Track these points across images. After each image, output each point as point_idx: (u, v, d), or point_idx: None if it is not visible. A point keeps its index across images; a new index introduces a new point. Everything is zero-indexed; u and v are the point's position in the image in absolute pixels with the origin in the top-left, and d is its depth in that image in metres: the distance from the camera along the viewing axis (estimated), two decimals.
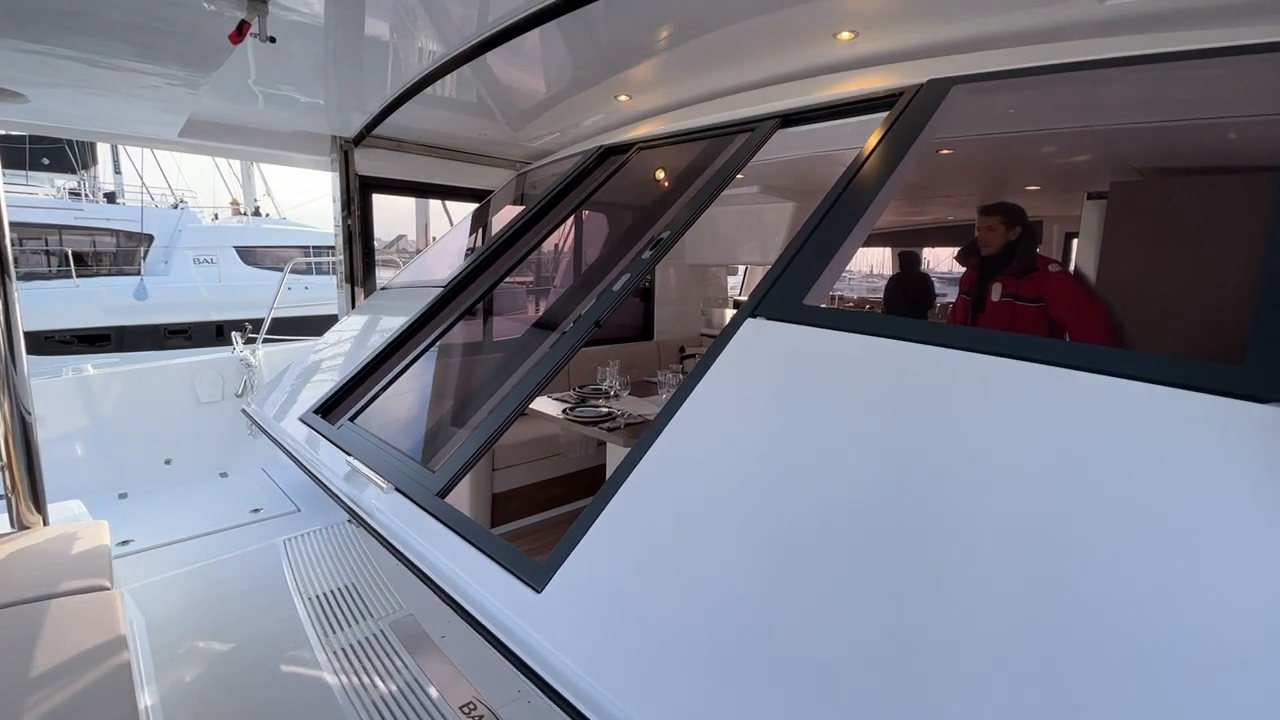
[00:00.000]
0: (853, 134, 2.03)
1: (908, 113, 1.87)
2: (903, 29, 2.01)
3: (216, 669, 2.56)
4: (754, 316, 1.56)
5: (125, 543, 3.64)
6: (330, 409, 2.50)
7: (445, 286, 2.97)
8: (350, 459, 2.02)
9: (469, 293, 2.99)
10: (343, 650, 2.70)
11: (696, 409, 1.43)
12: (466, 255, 3.32)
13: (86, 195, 14.54)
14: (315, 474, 2.14)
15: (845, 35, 2.07)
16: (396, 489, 1.80)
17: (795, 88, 2.46)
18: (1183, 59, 1.57)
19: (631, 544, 1.24)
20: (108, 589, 2.37)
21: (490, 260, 3.08)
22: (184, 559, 3.45)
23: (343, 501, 1.93)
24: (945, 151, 3.17)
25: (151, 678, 2.48)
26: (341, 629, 2.85)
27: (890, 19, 1.96)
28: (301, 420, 2.50)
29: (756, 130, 2.38)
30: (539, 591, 1.23)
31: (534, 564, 1.31)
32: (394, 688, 2.49)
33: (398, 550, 1.58)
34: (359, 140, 3.61)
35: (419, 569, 1.47)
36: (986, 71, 1.88)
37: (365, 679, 2.53)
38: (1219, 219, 2.37)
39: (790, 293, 1.57)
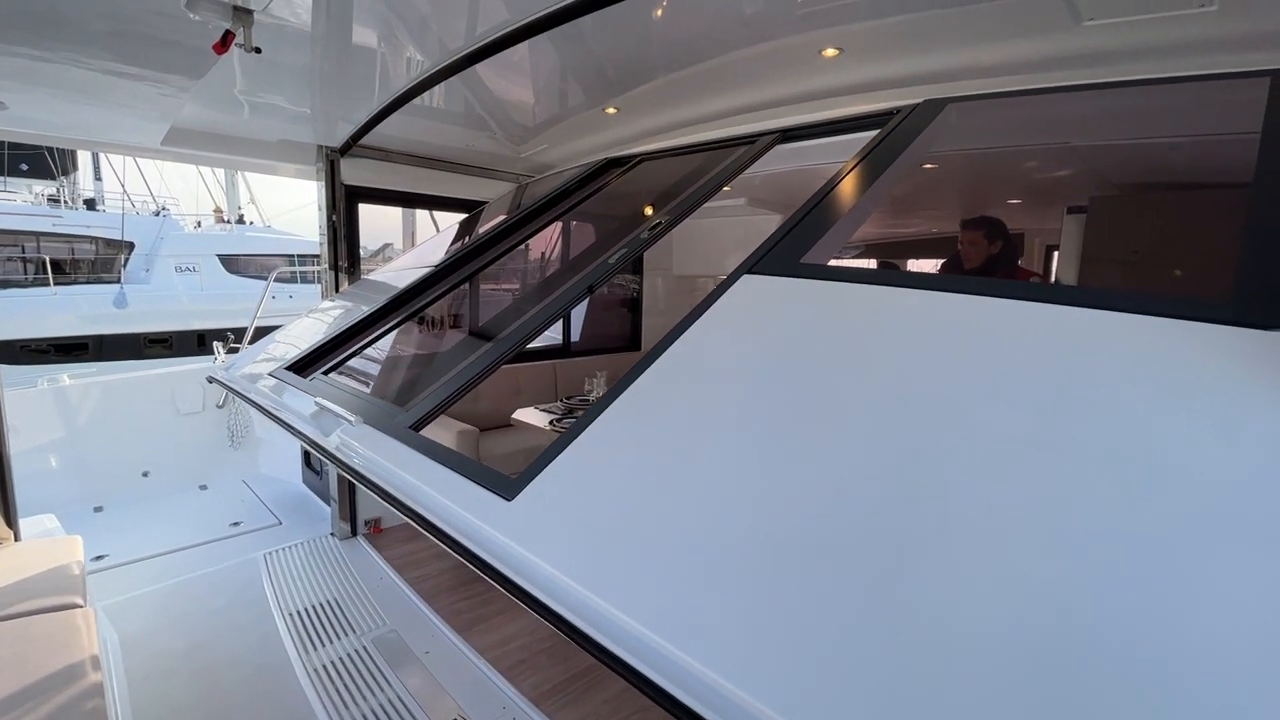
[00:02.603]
0: (845, 152, 2.08)
1: (903, 126, 1.93)
2: (887, 44, 2.06)
3: (193, 688, 2.50)
4: (750, 273, 1.58)
5: (100, 558, 3.56)
6: (303, 369, 2.45)
7: (431, 268, 2.99)
8: (318, 399, 1.97)
9: (452, 278, 3.01)
10: (324, 667, 2.65)
11: (685, 348, 1.43)
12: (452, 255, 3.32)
13: (66, 202, 14.32)
14: (279, 418, 2.07)
15: (830, 51, 2.11)
16: (366, 424, 1.75)
17: (797, 109, 2.54)
18: (1157, 84, 1.65)
19: (608, 463, 1.23)
20: (80, 606, 2.31)
21: (478, 253, 3.10)
22: (160, 574, 3.38)
23: (308, 438, 1.86)
24: (931, 166, 3.23)
25: (125, 698, 2.42)
26: (323, 645, 2.80)
27: (871, 34, 2.01)
28: (271, 375, 2.45)
29: (756, 143, 2.44)
30: (509, 500, 1.20)
31: (505, 478, 1.28)
32: (376, 705, 2.44)
33: (364, 476, 1.53)
34: (345, 150, 3.59)
35: (386, 491, 1.43)
36: (979, 93, 1.95)
37: (346, 697, 2.48)
38: (1192, 231, 2.43)
39: (788, 252, 1.59)
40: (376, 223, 4.08)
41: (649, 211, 2.63)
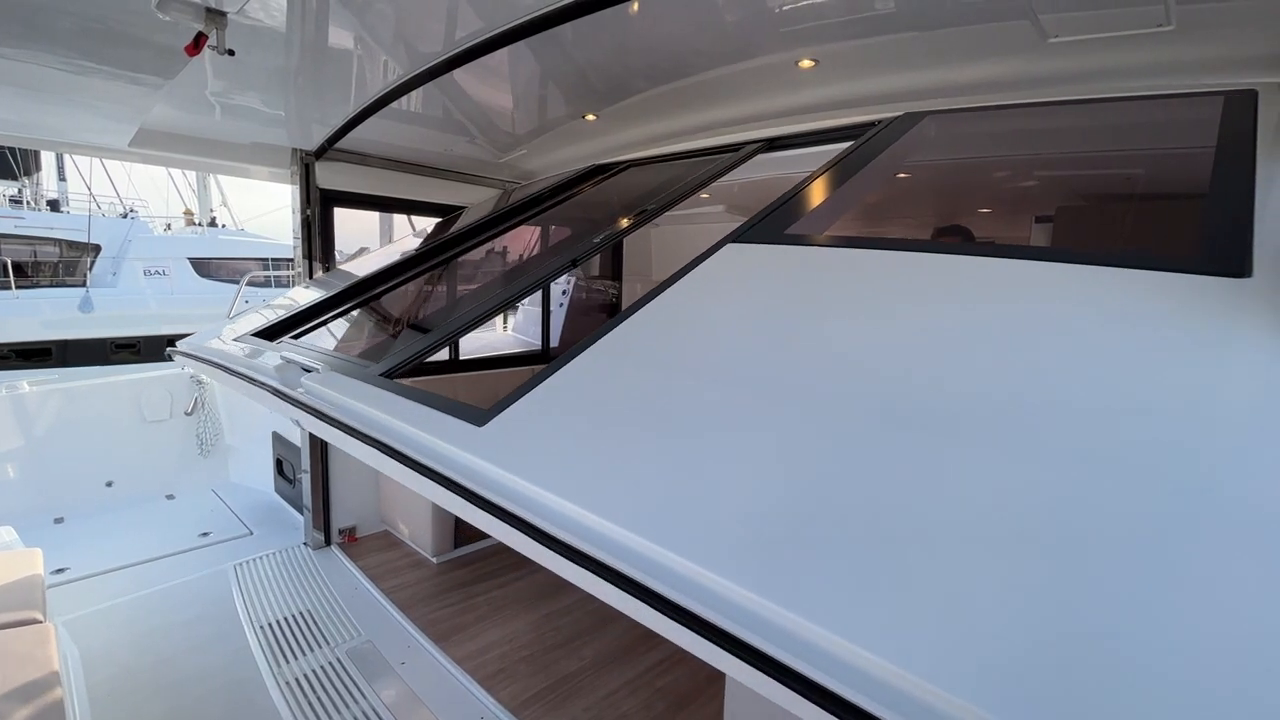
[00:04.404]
0: (825, 162, 2.15)
1: (885, 133, 2.01)
2: (864, 62, 2.13)
3: (159, 704, 2.42)
4: (735, 242, 1.63)
5: (60, 571, 3.44)
6: (270, 337, 2.40)
7: (408, 254, 3.00)
8: (284, 354, 1.94)
9: (430, 263, 3.02)
10: (296, 681, 2.59)
11: (667, 301, 1.46)
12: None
13: (28, 203, 13.88)
14: (242, 373, 2.02)
15: (806, 63, 2.15)
16: (336, 372, 1.73)
17: (780, 123, 2.62)
18: (1122, 101, 1.74)
19: (581, 394, 1.24)
20: (40, 621, 2.23)
21: (458, 242, 3.11)
22: (125, 587, 3.28)
23: (272, 389, 1.82)
24: (907, 175, 3.32)
25: (87, 716, 2.34)
26: (295, 658, 2.74)
27: (848, 53, 2.08)
28: (235, 341, 2.39)
29: (740, 151, 2.51)
30: (480, 426, 1.21)
31: (477, 409, 1.29)
32: (350, 718, 2.40)
33: (332, 419, 1.50)
34: (321, 153, 3.54)
35: (354, 429, 1.41)
36: (955, 108, 2.06)
37: (320, 710, 2.43)
38: (1152, 240, 2.53)
39: (773, 226, 1.64)
40: (353, 229, 4.02)
41: (634, 212, 2.67)
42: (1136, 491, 0.73)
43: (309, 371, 1.78)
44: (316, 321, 2.56)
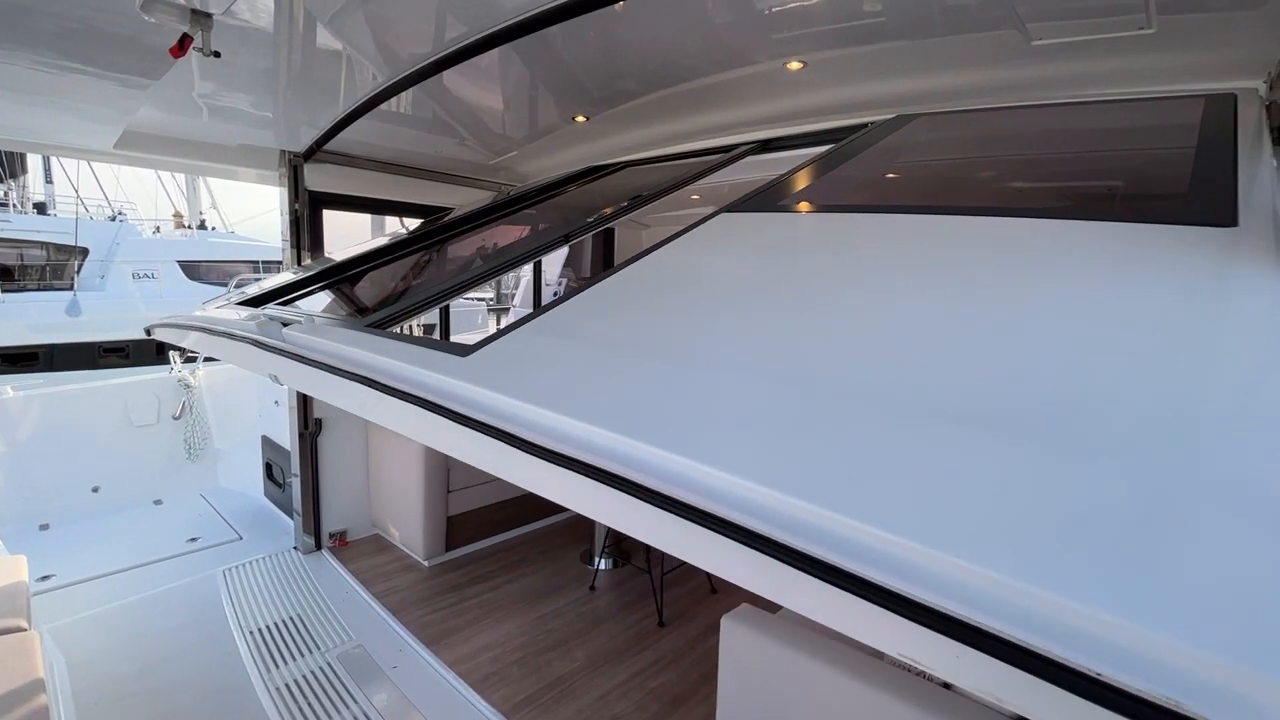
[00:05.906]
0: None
1: (878, 131, 2.05)
2: (855, 69, 2.17)
3: (146, 712, 2.40)
4: (728, 212, 1.67)
5: (45, 578, 3.40)
6: (253, 306, 2.42)
7: (397, 237, 3.03)
8: (267, 312, 1.95)
9: (420, 245, 3.06)
10: (286, 686, 2.57)
11: (656, 260, 1.49)
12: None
13: (14, 205, 13.74)
14: (226, 333, 2.01)
15: (795, 65, 2.17)
16: (320, 324, 1.76)
17: (775, 127, 2.66)
18: (1108, 104, 1.79)
19: (564, 331, 1.28)
20: (24, 629, 2.21)
21: (450, 228, 3.14)
22: (111, 594, 3.24)
23: (256, 341, 1.82)
24: (893, 175, 3.36)
25: None
26: (285, 664, 2.71)
27: (840, 60, 2.12)
28: (218, 310, 2.41)
29: (734, 151, 2.57)
30: (464, 357, 1.26)
31: (462, 345, 1.35)
32: None
33: (317, 362, 1.51)
34: (310, 155, 3.52)
35: (340, 369, 1.43)
36: (945, 111, 2.12)
37: (310, 715, 2.41)
38: None
39: (766, 199, 1.70)
40: (345, 236, 3.98)
41: (629, 199, 2.69)
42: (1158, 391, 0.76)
43: (294, 322, 1.79)
44: (300, 293, 2.55)
